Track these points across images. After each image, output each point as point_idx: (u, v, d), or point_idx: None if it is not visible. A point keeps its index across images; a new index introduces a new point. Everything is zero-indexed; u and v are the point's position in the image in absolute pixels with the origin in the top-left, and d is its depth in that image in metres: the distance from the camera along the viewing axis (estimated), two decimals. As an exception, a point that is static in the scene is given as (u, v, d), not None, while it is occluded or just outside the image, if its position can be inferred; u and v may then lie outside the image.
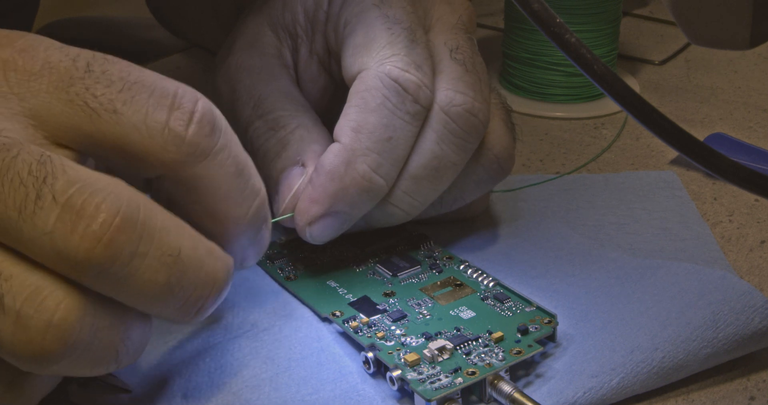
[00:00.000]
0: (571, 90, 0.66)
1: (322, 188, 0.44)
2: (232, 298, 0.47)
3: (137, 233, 0.34)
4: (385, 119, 0.44)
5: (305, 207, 0.45)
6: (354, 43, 0.46)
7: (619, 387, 0.41)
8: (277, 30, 0.52)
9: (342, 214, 0.45)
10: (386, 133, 0.44)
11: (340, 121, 0.45)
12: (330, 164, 0.44)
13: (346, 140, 0.44)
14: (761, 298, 0.43)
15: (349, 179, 0.44)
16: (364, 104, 0.45)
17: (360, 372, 0.42)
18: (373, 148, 0.44)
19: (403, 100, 0.45)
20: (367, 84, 0.45)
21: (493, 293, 0.45)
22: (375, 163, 0.44)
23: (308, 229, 0.45)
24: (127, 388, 0.41)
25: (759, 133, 0.64)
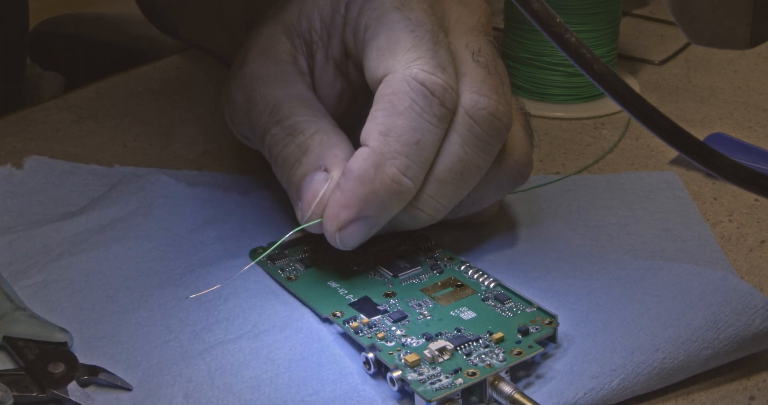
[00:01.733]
0: (571, 90, 0.66)
1: (352, 193, 0.44)
2: (232, 298, 0.47)
3: None
4: (413, 122, 0.45)
5: (335, 212, 0.45)
6: (377, 46, 0.46)
7: (620, 388, 0.41)
8: (292, 37, 0.52)
9: (372, 218, 0.45)
10: (414, 137, 0.45)
11: (367, 125, 0.45)
12: (359, 168, 0.44)
13: (375, 144, 0.45)
14: (762, 299, 0.43)
15: (379, 182, 0.44)
16: (391, 107, 0.45)
17: (360, 372, 0.42)
18: (401, 152, 0.44)
19: (430, 103, 0.45)
20: (394, 87, 0.45)
21: (493, 294, 0.45)
22: (404, 166, 0.44)
23: (338, 234, 0.45)
24: (127, 388, 0.41)
25: (759, 133, 0.64)
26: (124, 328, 0.45)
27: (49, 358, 0.42)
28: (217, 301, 0.46)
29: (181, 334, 0.44)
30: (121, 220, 0.52)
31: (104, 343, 0.44)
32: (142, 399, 0.41)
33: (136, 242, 0.51)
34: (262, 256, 0.48)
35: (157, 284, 0.48)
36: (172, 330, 0.45)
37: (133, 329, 0.45)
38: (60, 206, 0.54)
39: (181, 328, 0.45)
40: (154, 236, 0.51)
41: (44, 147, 0.61)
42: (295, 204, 0.47)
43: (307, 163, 0.47)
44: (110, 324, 0.45)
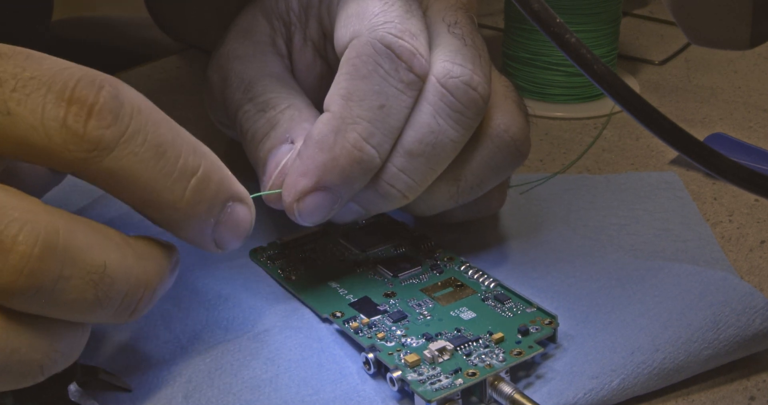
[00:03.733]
0: (571, 90, 0.66)
1: (311, 160, 0.42)
2: (232, 298, 0.47)
3: (59, 258, 0.33)
4: (376, 86, 0.43)
5: (293, 181, 0.43)
6: (346, 13, 0.45)
7: (620, 388, 0.41)
8: (271, 19, 0.51)
9: (332, 189, 0.43)
10: (378, 101, 0.43)
11: (330, 90, 0.43)
12: (319, 134, 0.42)
13: (336, 108, 0.43)
14: (762, 300, 0.43)
15: (339, 148, 0.42)
16: (354, 71, 0.43)
17: (360, 373, 0.42)
18: (364, 116, 0.42)
19: (397, 67, 0.43)
20: (358, 50, 0.43)
21: (493, 294, 0.45)
22: (366, 132, 0.43)
23: (296, 206, 0.43)
24: (127, 388, 0.41)
25: (759, 133, 0.64)
26: (123, 328, 0.45)
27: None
28: (217, 301, 0.47)
29: (180, 334, 0.44)
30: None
31: (104, 343, 0.44)
32: (141, 399, 0.41)
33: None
34: None
35: (157, 284, 0.48)
36: (172, 330, 0.45)
37: (133, 330, 0.45)
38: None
39: (180, 328, 0.45)
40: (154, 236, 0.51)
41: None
42: (260, 179, 0.46)
43: (275, 137, 0.45)
44: (110, 325, 0.45)
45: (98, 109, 0.34)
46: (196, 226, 0.38)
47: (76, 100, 0.34)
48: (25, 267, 0.33)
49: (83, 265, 0.34)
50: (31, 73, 0.34)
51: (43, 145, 0.34)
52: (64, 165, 0.35)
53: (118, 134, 0.35)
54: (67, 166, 0.35)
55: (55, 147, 0.34)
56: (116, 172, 0.35)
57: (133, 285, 0.36)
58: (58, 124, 0.34)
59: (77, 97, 0.34)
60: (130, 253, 0.36)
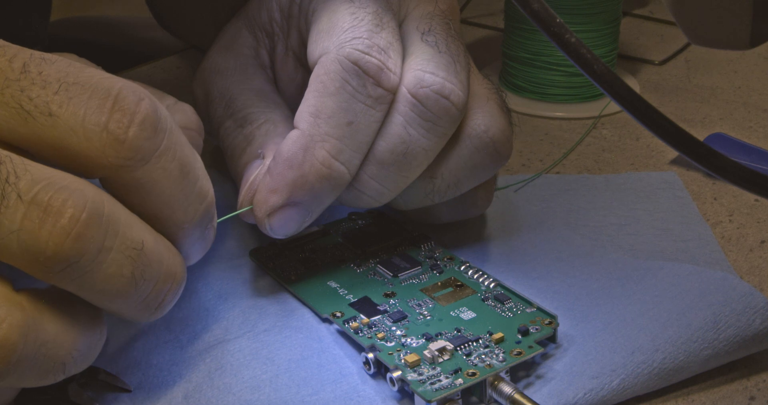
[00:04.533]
0: (571, 90, 0.66)
1: (281, 177, 0.43)
2: (232, 298, 0.47)
3: (103, 227, 0.34)
4: (344, 103, 0.43)
5: (263, 197, 0.43)
6: (318, 28, 0.45)
7: (620, 388, 0.41)
8: (254, 31, 0.51)
9: (303, 204, 0.43)
10: (346, 118, 0.43)
11: (299, 108, 0.44)
12: (288, 151, 0.43)
13: (304, 126, 0.43)
14: (762, 300, 0.43)
15: (308, 166, 0.43)
16: (323, 88, 0.43)
17: (360, 373, 0.42)
18: (332, 134, 0.43)
19: (364, 83, 0.43)
20: (326, 67, 0.43)
21: (493, 294, 0.45)
22: (335, 149, 0.43)
23: (267, 221, 0.44)
24: (127, 388, 0.41)
25: (759, 133, 0.64)
26: (123, 329, 0.45)
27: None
28: (217, 301, 0.47)
29: (180, 334, 0.44)
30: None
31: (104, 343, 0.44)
32: (141, 399, 0.41)
33: None
34: None
35: (157, 284, 0.48)
36: (172, 330, 0.45)
37: (133, 329, 0.45)
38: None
39: (180, 328, 0.45)
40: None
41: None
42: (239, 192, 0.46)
43: (250, 152, 0.46)
44: (110, 325, 0.45)
45: (140, 119, 0.35)
46: (187, 243, 0.39)
47: (119, 108, 0.35)
48: (72, 230, 0.33)
49: (124, 239, 0.35)
50: (74, 78, 0.35)
51: (81, 149, 0.35)
52: (97, 170, 0.35)
53: (155, 147, 0.35)
54: (99, 171, 0.35)
55: (93, 152, 0.35)
56: (144, 185, 0.36)
57: (164, 273, 0.36)
58: (99, 128, 0.35)
59: (120, 106, 0.35)
60: (162, 242, 0.37)
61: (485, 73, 0.70)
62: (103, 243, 0.34)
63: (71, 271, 0.34)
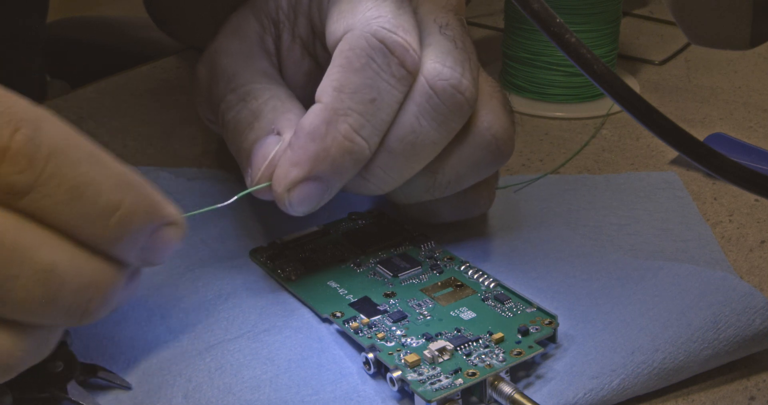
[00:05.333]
0: (571, 90, 0.66)
1: (303, 150, 0.43)
2: (232, 298, 0.47)
3: (5, 258, 0.34)
4: (369, 80, 0.43)
5: (284, 172, 0.43)
6: (339, 9, 0.45)
7: (620, 388, 0.41)
8: (261, 18, 0.51)
9: (323, 179, 0.43)
10: (370, 94, 0.43)
11: (322, 82, 0.44)
12: (311, 124, 0.43)
13: (328, 100, 0.43)
14: (762, 300, 0.43)
15: (331, 139, 0.42)
16: (347, 64, 0.43)
17: (360, 373, 0.42)
18: (355, 109, 0.43)
19: (389, 62, 0.43)
20: (351, 44, 0.43)
21: (493, 294, 0.45)
22: (357, 124, 0.43)
23: (287, 196, 0.43)
24: (127, 386, 0.41)
25: (759, 133, 0.64)
26: (123, 328, 0.45)
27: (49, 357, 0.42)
28: (217, 301, 0.47)
29: (180, 333, 0.44)
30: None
31: (104, 342, 0.44)
32: (141, 398, 0.41)
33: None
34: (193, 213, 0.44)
35: (157, 284, 0.48)
36: (172, 330, 0.45)
37: (133, 328, 0.45)
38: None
39: (180, 328, 0.45)
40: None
41: (44, 147, 0.61)
42: (245, 170, 0.46)
43: (259, 128, 0.45)
44: (110, 323, 0.45)
45: (11, 154, 0.34)
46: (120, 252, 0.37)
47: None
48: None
49: (31, 264, 0.34)
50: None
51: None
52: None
53: (32, 179, 0.34)
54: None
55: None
56: (32, 213, 0.35)
57: (84, 284, 0.36)
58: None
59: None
60: (81, 255, 0.36)
61: (485, 73, 0.71)
62: (9, 273, 0.34)
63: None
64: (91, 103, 0.68)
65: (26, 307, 0.34)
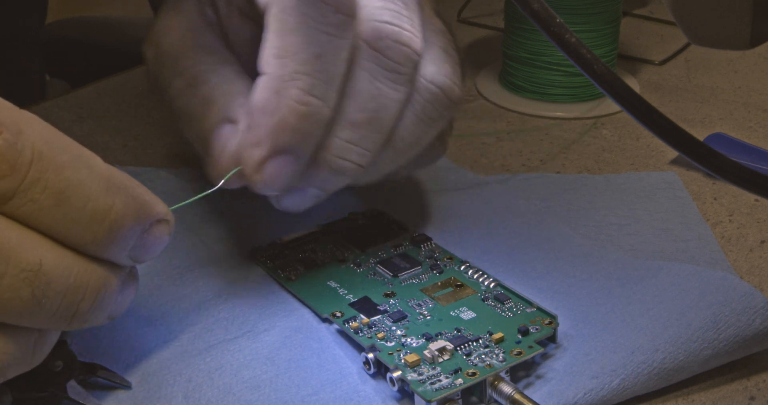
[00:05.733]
0: (571, 90, 0.66)
1: (260, 127, 0.41)
2: (232, 298, 0.47)
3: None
4: (307, 37, 0.41)
5: (249, 154, 0.41)
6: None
7: (620, 388, 0.41)
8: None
9: (290, 150, 0.41)
10: (312, 51, 0.41)
11: (262, 53, 0.42)
12: (260, 99, 0.41)
13: (271, 69, 0.41)
14: (762, 300, 0.43)
15: (285, 108, 0.41)
16: (281, 27, 0.41)
17: (360, 373, 0.42)
18: (301, 70, 0.41)
19: (323, 12, 0.41)
20: (281, 5, 0.41)
21: (493, 294, 0.45)
22: (308, 85, 0.41)
23: (259, 177, 0.42)
24: (127, 384, 0.41)
25: (759, 133, 0.64)
26: (123, 327, 0.45)
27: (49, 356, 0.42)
28: (217, 301, 0.47)
29: (180, 333, 0.44)
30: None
31: (104, 341, 0.44)
32: (141, 398, 0.41)
33: None
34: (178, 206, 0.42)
35: (157, 284, 0.48)
36: (172, 329, 0.45)
37: (133, 328, 0.45)
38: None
39: (180, 328, 0.45)
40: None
41: (44, 147, 0.61)
42: (204, 160, 0.45)
43: (212, 116, 0.44)
44: (110, 323, 0.45)
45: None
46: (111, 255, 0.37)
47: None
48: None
49: (17, 263, 0.34)
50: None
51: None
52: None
53: (15, 184, 0.34)
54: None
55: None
56: (17, 217, 0.35)
57: (72, 286, 0.35)
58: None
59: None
60: (69, 256, 0.35)
61: (485, 73, 0.71)
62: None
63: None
64: (91, 103, 0.68)
65: (13, 308, 0.34)
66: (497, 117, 0.66)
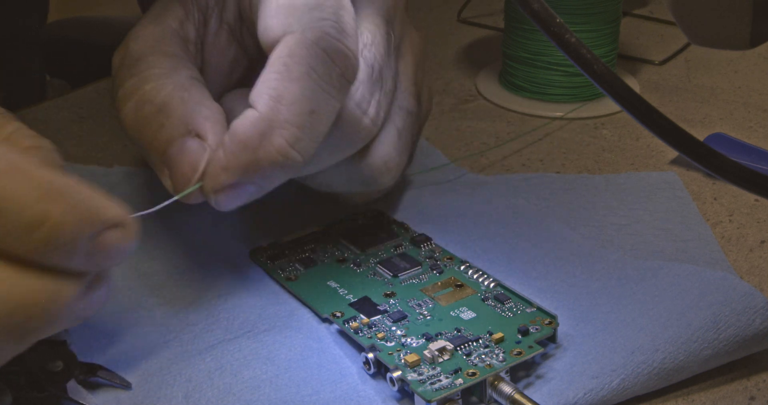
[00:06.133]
0: (571, 90, 0.66)
1: (234, 157, 0.41)
2: (232, 298, 0.47)
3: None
4: (308, 91, 0.41)
5: (215, 172, 0.41)
6: (277, 3, 0.42)
7: (620, 388, 0.41)
8: (185, 3, 0.48)
9: (252, 185, 0.42)
10: (309, 106, 0.41)
11: (258, 87, 0.42)
12: (244, 133, 0.41)
13: (264, 109, 0.41)
14: (762, 300, 0.43)
15: (263, 152, 0.41)
16: (286, 72, 0.41)
17: (360, 373, 0.42)
18: (293, 121, 0.41)
19: (331, 72, 0.41)
20: (291, 49, 0.41)
21: (493, 294, 0.45)
22: (293, 138, 0.41)
23: (214, 196, 0.42)
24: (127, 384, 0.41)
25: (759, 133, 0.64)
26: (123, 327, 0.45)
27: (48, 356, 0.42)
28: (217, 301, 0.47)
29: (181, 333, 0.44)
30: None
31: (104, 342, 0.44)
32: (141, 398, 0.41)
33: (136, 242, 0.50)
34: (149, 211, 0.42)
35: (157, 284, 0.48)
36: (172, 329, 0.45)
37: (133, 328, 0.45)
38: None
39: (180, 328, 0.45)
40: (154, 236, 0.51)
41: (44, 147, 0.61)
42: (160, 170, 0.44)
43: (172, 126, 0.43)
44: (110, 323, 0.45)
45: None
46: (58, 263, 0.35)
47: None
48: None
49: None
50: None
51: None
52: None
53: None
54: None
55: None
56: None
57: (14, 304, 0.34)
58: None
59: None
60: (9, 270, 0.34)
61: (485, 73, 0.71)
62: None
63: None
64: (91, 103, 0.68)
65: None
66: (497, 117, 0.66)
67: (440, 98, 0.68)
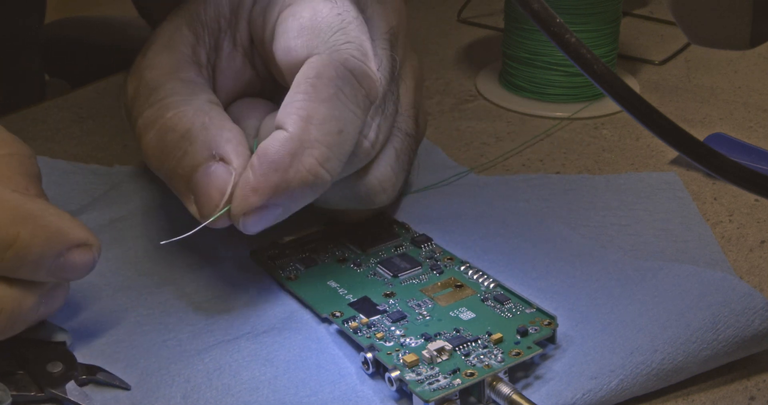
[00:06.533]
0: (571, 90, 0.66)
1: (264, 178, 0.41)
2: (232, 299, 0.47)
3: None
4: (336, 111, 0.42)
5: (243, 195, 0.42)
6: (300, 25, 0.43)
7: (619, 389, 0.41)
8: (195, 28, 0.49)
9: (281, 207, 0.42)
10: (337, 126, 0.42)
11: (285, 108, 0.42)
12: (275, 154, 0.41)
13: (294, 130, 0.42)
14: (762, 300, 0.43)
15: (294, 172, 0.41)
16: (314, 92, 0.42)
17: (359, 373, 0.42)
18: (322, 141, 0.42)
19: (356, 93, 0.42)
20: (318, 71, 0.42)
21: (493, 294, 0.45)
22: (323, 157, 0.42)
23: (242, 219, 0.42)
24: (126, 386, 0.41)
25: (759, 133, 0.64)
26: (123, 327, 0.45)
27: (48, 358, 0.42)
28: (217, 301, 0.47)
29: (180, 333, 0.44)
30: (121, 219, 0.52)
31: (103, 342, 0.44)
32: (140, 399, 0.41)
33: (136, 242, 0.51)
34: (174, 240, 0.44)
35: (157, 284, 0.48)
36: (171, 329, 0.45)
37: (132, 329, 0.45)
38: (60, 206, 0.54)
39: (180, 328, 0.45)
40: (154, 236, 0.51)
41: (44, 147, 0.61)
42: (185, 197, 0.44)
43: (194, 152, 0.43)
44: (109, 323, 0.45)
45: None
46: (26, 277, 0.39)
47: None
48: None
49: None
50: None
51: None
52: None
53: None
54: None
55: None
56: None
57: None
58: None
59: None
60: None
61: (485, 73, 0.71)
62: None
63: None
64: (91, 103, 0.68)
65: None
66: (497, 117, 0.66)
67: (440, 98, 0.68)
